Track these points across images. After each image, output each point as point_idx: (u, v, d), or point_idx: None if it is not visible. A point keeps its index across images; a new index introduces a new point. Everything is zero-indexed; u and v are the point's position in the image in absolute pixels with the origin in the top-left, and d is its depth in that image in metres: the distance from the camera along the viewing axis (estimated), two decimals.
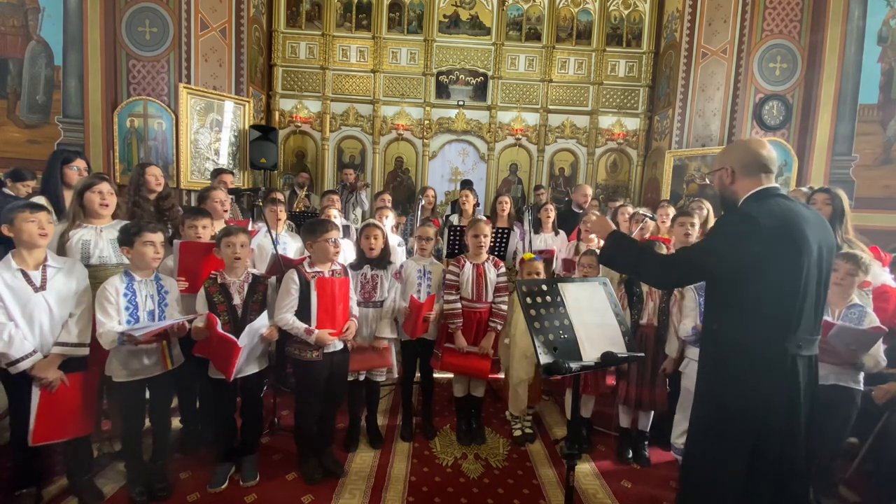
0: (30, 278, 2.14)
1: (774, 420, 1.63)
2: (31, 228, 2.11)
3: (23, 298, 2.11)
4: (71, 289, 2.24)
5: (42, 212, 2.17)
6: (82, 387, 2.27)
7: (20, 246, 2.14)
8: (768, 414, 1.63)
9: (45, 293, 2.16)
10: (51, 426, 2.17)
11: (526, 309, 1.73)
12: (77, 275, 2.28)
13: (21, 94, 5.73)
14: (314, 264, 2.62)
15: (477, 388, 3.21)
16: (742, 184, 1.77)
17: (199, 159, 6.16)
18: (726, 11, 6.40)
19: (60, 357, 2.18)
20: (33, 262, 2.16)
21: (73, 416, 2.24)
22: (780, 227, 1.60)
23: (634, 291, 2.95)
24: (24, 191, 4.00)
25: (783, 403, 1.63)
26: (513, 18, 7.58)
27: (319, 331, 2.50)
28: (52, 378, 2.14)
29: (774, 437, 1.63)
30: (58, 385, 2.16)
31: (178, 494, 2.46)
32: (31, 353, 2.10)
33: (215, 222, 2.94)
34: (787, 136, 6.37)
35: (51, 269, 2.20)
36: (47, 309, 2.16)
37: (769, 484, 1.64)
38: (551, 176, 7.88)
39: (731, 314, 1.71)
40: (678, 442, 2.88)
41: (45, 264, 2.19)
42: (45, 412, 2.14)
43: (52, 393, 2.15)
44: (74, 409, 2.24)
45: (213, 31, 6.13)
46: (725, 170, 1.80)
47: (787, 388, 1.63)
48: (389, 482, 2.66)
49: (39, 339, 2.16)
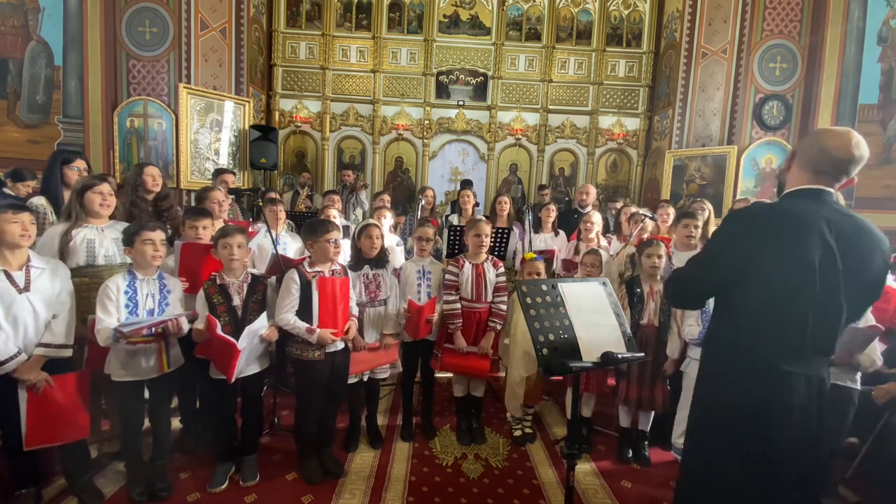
0: (13, 279, 2.09)
1: (768, 430, 1.49)
2: (14, 229, 2.07)
3: (6, 300, 2.07)
4: (55, 289, 2.20)
5: (24, 213, 2.13)
6: (73, 389, 2.23)
7: (2, 247, 2.10)
8: (761, 422, 1.50)
9: (30, 294, 2.12)
10: (43, 430, 2.14)
11: (526, 309, 1.73)
12: (61, 275, 2.25)
13: (21, 94, 5.73)
14: (314, 264, 2.62)
15: (477, 388, 3.21)
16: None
17: (199, 159, 6.16)
18: (726, 11, 6.40)
19: (43, 358, 2.15)
20: (17, 262, 2.12)
21: (66, 419, 2.20)
22: (778, 230, 1.43)
23: (635, 292, 2.95)
24: (24, 191, 4.00)
25: (774, 416, 1.48)
26: (513, 18, 7.58)
27: (321, 330, 2.50)
28: (35, 380, 2.10)
29: (770, 444, 1.50)
30: (43, 387, 2.12)
31: (178, 494, 2.46)
32: (14, 354, 2.06)
33: (215, 222, 2.94)
34: (787, 137, 6.37)
35: (35, 270, 2.16)
36: (31, 310, 2.12)
37: (767, 492, 1.53)
38: (551, 176, 7.88)
39: (723, 318, 1.61)
40: (678, 442, 2.89)
41: (28, 265, 2.15)
42: (35, 415, 2.11)
43: (40, 395, 2.11)
44: (66, 411, 2.20)
45: (213, 31, 6.13)
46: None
47: (776, 404, 1.48)
48: (389, 482, 2.66)
49: (24, 341, 2.12)
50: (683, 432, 2.86)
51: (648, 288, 2.95)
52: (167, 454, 2.57)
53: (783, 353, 1.46)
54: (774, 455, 1.49)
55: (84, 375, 2.31)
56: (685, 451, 1.79)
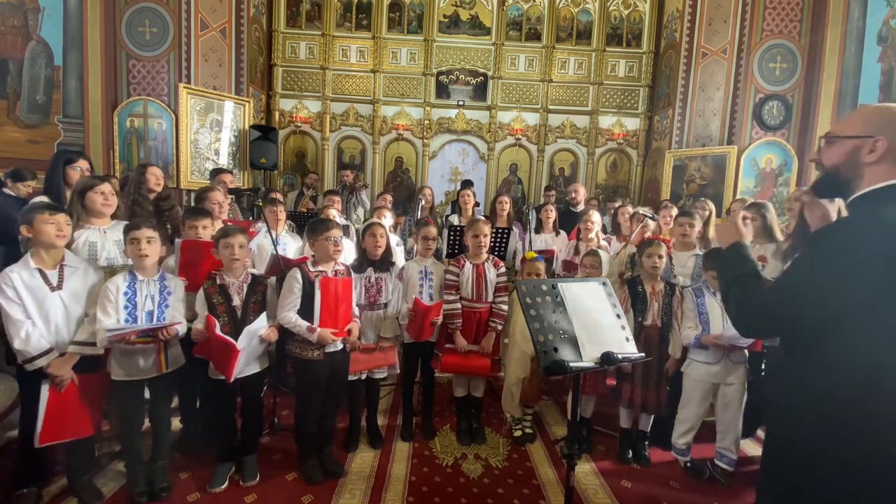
0: (47, 277, 2.18)
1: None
2: (50, 230, 2.15)
3: (39, 297, 2.15)
4: (87, 288, 2.28)
5: (61, 213, 2.21)
6: (91, 388, 2.29)
7: (38, 246, 2.19)
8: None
9: (61, 292, 2.20)
10: (57, 427, 2.18)
11: (526, 309, 1.73)
12: (93, 275, 2.33)
13: (21, 94, 5.73)
14: (317, 263, 2.62)
15: (477, 388, 3.21)
16: (885, 169, 1.16)
17: (199, 159, 6.16)
18: (726, 11, 6.40)
19: (77, 355, 2.22)
20: (51, 261, 2.21)
21: (79, 416, 2.25)
22: None
23: (638, 292, 2.94)
24: (25, 191, 4.00)
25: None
26: (513, 18, 7.58)
27: (322, 329, 2.50)
28: (66, 377, 2.17)
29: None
30: (67, 384, 2.18)
31: (178, 494, 2.46)
32: (47, 350, 2.14)
33: (215, 222, 2.94)
34: (787, 137, 6.37)
35: (68, 269, 2.24)
36: (62, 307, 2.20)
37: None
38: (551, 176, 7.88)
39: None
40: (679, 442, 2.89)
41: (62, 264, 2.23)
42: (52, 412, 2.16)
43: (62, 393, 2.17)
44: (81, 409, 2.25)
45: (213, 31, 6.13)
46: (871, 140, 1.17)
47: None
48: (389, 482, 2.66)
49: (55, 337, 2.19)
50: (684, 432, 2.87)
51: (651, 288, 2.94)
52: (167, 454, 2.56)
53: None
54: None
55: (105, 377, 2.34)
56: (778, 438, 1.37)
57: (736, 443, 2.79)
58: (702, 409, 2.84)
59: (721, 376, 2.75)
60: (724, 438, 2.80)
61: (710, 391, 2.80)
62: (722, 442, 2.81)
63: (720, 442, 2.82)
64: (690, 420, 2.85)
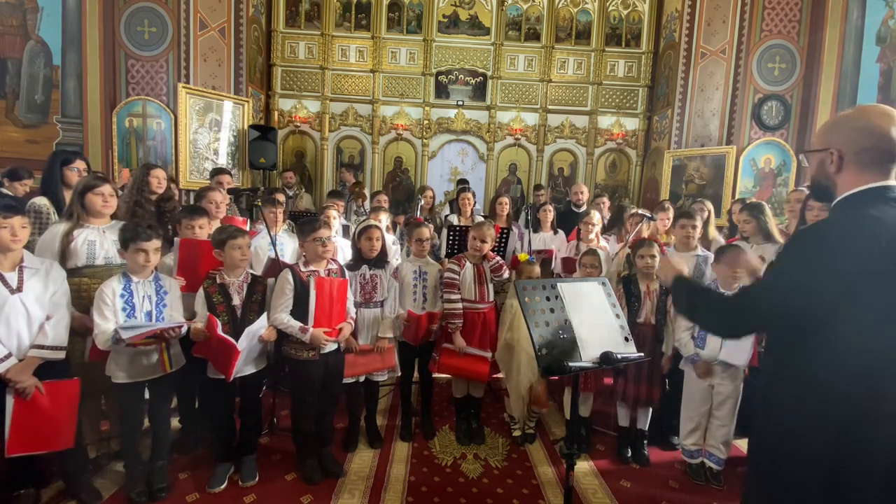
0: (5, 280, 2.05)
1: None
2: (3, 234, 2.03)
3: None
4: (49, 290, 2.16)
5: (15, 217, 2.07)
6: (62, 397, 2.15)
7: None
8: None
9: (22, 295, 2.07)
10: (27, 437, 2.06)
11: (526, 309, 1.73)
12: (55, 276, 2.20)
13: (19, 94, 5.72)
14: (308, 263, 2.62)
15: (476, 388, 3.20)
16: (850, 176, 1.25)
17: (198, 159, 6.15)
18: (725, 12, 6.41)
19: (37, 360, 2.09)
20: (9, 263, 2.08)
21: (52, 427, 2.12)
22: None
23: (632, 291, 2.96)
24: (22, 190, 4.00)
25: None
26: (512, 18, 7.58)
27: (314, 329, 2.49)
28: (27, 384, 2.04)
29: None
30: (32, 392, 2.05)
31: (177, 494, 2.46)
32: (5, 356, 2.01)
33: (212, 222, 2.95)
34: (786, 137, 6.37)
35: (28, 271, 2.11)
36: (24, 311, 2.08)
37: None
38: (550, 176, 7.88)
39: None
40: (687, 443, 2.86)
41: (21, 265, 2.11)
42: (20, 421, 2.03)
43: (28, 401, 2.04)
44: (53, 420, 2.12)
45: (213, 31, 6.12)
46: (830, 153, 1.27)
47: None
48: (389, 482, 2.66)
49: (17, 343, 2.07)
50: (690, 431, 2.85)
51: (645, 287, 2.95)
52: (166, 454, 2.56)
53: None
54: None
55: (75, 384, 2.21)
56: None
57: (726, 442, 2.78)
58: (704, 408, 2.83)
59: (718, 374, 2.75)
60: (713, 436, 2.79)
61: (711, 389, 2.80)
62: (711, 440, 2.81)
63: (709, 440, 2.82)
64: (695, 419, 2.84)
